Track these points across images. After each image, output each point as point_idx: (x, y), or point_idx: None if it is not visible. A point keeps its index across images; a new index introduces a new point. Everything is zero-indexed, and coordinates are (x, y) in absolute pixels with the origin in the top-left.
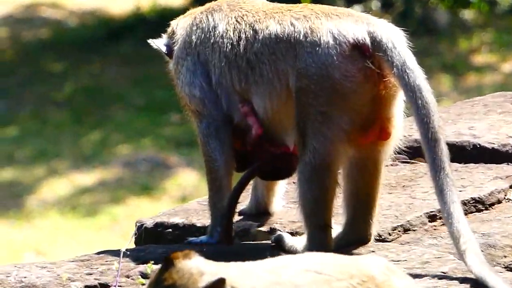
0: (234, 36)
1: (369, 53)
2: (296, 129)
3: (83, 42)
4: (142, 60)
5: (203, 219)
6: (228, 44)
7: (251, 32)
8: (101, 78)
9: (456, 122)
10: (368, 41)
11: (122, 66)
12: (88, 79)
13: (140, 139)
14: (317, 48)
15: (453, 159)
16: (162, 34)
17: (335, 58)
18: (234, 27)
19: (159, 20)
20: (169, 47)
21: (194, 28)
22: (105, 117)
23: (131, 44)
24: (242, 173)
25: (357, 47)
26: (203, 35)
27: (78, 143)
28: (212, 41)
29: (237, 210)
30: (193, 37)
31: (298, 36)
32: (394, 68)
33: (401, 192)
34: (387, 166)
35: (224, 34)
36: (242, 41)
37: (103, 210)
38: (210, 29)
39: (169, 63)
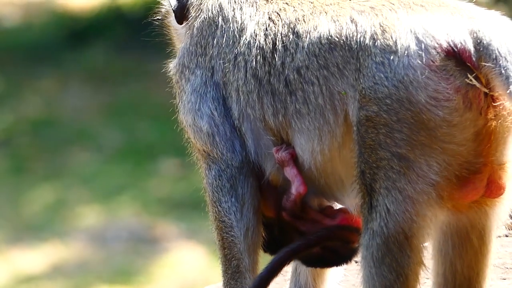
0: (266, 44)
1: (471, 64)
2: (358, 183)
3: (30, 48)
4: (119, 75)
5: None
6: (258, 57)
7: (291, 36)
8: (56, 104)
9: None
10: (470, 45)
11: (88, 85)
12: (35, 106)
13: (115, 198)
14: (392, 57)
15: None
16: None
17: (419, 72)
18: (267, 30)
19: (143, 18)
20: (183, 7)
21: (217, 24)
22: (61, 165)
23: (102, 51)
24: (272, 256)
25: (453, 55)
26: (224, 41)
27: (18, 203)
28: (235, 52)
29: None
30: (210, 40)
31: (362, 39)
32: (511, 87)
33: None
34: (499, 237)
35: (252, 42)
36: (278, 52)
37: None
38: (236, 33)
39: (170, 62)
